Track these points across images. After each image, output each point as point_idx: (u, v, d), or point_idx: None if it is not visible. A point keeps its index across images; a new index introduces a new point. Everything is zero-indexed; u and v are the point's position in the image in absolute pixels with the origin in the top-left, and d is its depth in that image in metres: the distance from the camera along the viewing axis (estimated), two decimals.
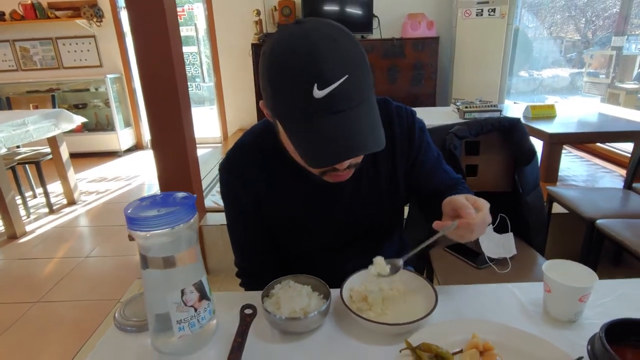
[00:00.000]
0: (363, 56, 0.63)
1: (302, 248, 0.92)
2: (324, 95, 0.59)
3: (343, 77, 0.59)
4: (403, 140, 0.86)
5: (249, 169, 0.82)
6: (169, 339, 0.62)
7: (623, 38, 3.80)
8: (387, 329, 0.65)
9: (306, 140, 0.63)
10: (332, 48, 0.60)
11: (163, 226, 0.56)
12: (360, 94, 0.62)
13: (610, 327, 0.55)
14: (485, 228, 0.69)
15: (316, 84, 0.58)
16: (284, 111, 0.64)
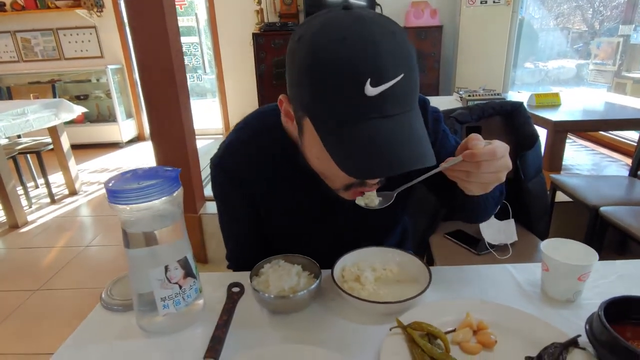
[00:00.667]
0: (415, 57, 0.56)
1: (296, 243, 0.84)
2: (376, 94, 0.51)
3: (399, 75, 0.51)
4: None
5: (245, 170, 0.75)
6: (154, 318, 0.61)
7: (631, 27, 3.73)
8: (379, 308, 0.63)
9: (348, 146, 0.53)
10: (390, 41, 0.52)
11: (144, 199, 0.54)
12: (413, 98, 0.55)
13: (610, 306, 0.53)
14: (500, 171, 0.58)
15: (370, 80, 0.50)
16: (323, 110, 0.54)
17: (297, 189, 0.76)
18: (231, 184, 0.76)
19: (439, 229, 1.48)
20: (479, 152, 0.56)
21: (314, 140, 0.58)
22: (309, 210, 0.79)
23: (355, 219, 0.80)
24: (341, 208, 0.77)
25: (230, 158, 0.76)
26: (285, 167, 0.74)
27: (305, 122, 0.59)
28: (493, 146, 0.57)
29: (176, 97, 2.06)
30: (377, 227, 0.86)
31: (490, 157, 0.56)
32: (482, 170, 0.57)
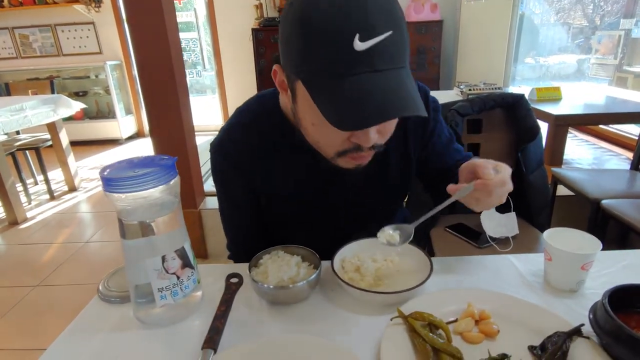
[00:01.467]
0: (404, 17, 0.56)
1: (297, 230, 0.86)
2: (366, 49, 0.51)
3: (388, 32, 0.52)
4: (417, 122, 0.79)
5: (245, 153, 0.74)
6: (152, 309, 0.60)
7: (632, 20, 3.71)
8: (379, 298, 0.63)
9: (338, 100, 0.53)
10: (383, 4, 0.53)
11: (140, 187, 0.53)
12: (403, 56, 0.55)
13: (614, 294, 0.52)
14: (504, 195, 0.61)
15: (358, 34, 0.50)
16: (313, 67, 0.54)
17: (297, 171, 0.76)
18: (232, 169, 0.76)
19: (440, 222, 1.47)
20: (492, 182, 0.58)
21: (307, 104, 0.58)
22: (309, 193, 0.78)
23: (355, 203, 0.80)
24: (340, 190, 0.78)
25: (230, 142, 0.75)
26: (285, 149, 0.74)
27: (297, 86, 0.59)
28: (503, 175, 0.60)
29: (175, 93, 2.04)
30: (376, 212, 0.85)
31: (501, 185, 0.60)
32: (492, 198, 0.60)
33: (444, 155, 0.85)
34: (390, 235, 0.66)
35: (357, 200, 0.81)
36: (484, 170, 0.59)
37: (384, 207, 0.87)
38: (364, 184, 0.80)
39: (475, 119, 1.51)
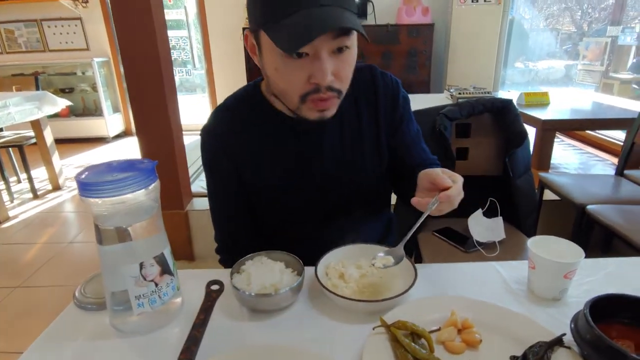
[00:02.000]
0: None
1: (283, 218, 0.89)
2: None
3: None
4: (387, 104, 0.85)
5: (230, 132, 0.81)
6: (128, 317, 0.58)
7: (619, 28, 3.77)
8: (362, 306, 0.62)
9: (289, 28, 0.61)
10: None
11: (118, 192, 0.51)
12: (347, 1, 0.64)
13: (595, 304, 0.52)
14: (458, 202, 0.67)
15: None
16: (271, 11, 0.63)
17: (277, 144, 0.82)
18: (219, 148, 0.82)
19: (428, 226, 1.48)
20: (453, 193, 0.64)
21: (269, 50, 0.67)
22: (290, 160, 0.83)
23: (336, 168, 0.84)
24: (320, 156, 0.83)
25: (217, 123, 0.83)
26: (264, 123, 0.81)
27: (261, 37, 0.67)
28: (459, 185, 0.66)
29: (162, 91, 2.01)
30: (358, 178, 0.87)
31: (458, 193, 0.66)
32: (453, 205, 0.66)
33: (412, 148, 0.89)
34: (385, 259, 0.69)
35: (334, 175, 0.84)
36: (444, 181, 0.65)
37: (363, 187, 0.89)
38: (339, 158, 0.84)
39: (464, 123, 1.51)
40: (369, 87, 0.85)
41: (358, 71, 0.84)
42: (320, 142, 0.82)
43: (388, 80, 0.86)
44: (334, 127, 0.83)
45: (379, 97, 0.85)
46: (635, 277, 0.71)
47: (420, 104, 2.45)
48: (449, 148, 1.42)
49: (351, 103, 0.84)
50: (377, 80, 0.85)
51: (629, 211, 1.61)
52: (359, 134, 0.84)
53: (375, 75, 0.85)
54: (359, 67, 0.85)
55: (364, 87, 0.85)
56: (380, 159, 0.88)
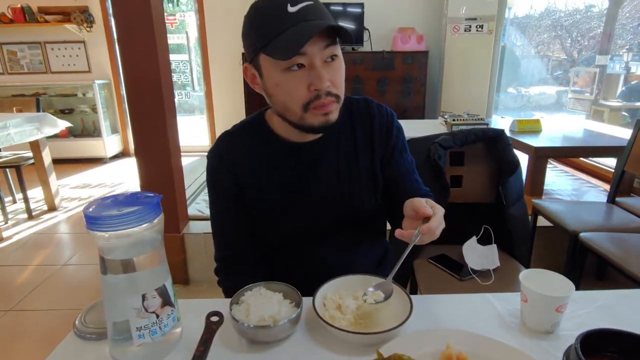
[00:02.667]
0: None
1: (281, 239, 0.92)
2: (296, 10, 0.69)
3: (309, 2, 0.71)
4: (382, 134, 0.90)
5: (233, 154, 0.87)
6: (129, 347, 0.59)
7: (607, 57, 3.89)
8: (359, 339, 0.63)
9: (283, 42, 0.69)
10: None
11: (124, 226, 0.53)
12: (327, 17, 0.72)
13: (586, 338, 0.54)
14: (439, 233, 0.71)
15: (289, 3, 0.69)
16: (265, 34, 0.71)
17: (276, 162, 0.87)
18: (223, 168, 0.87)
19: (423, 253, 1.49)
20: (433, 225, 0.68)
21: (269, 69, 0.75)
22: (289, 180, 0.87)
23: (333, 188, 0.88)
24: (318, 176, 0.87)
25: (222, 145, 0.89)
26: (266, 147, 0.87)
27: (260, 61, 0.75)
28: (439, 215, 0.70)
29: (163, 113, 2.05)
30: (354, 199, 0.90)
31: (439, 223, 0.69)
32: (434, 236, 0.70)
33: (405, 178, 0.93)
34: (375, 294, 0.71)
35: (330, 195, 0.88)
36: (425, 210, 0.69)
37: (358, 207, 0.91)
38: (335, 179, 0.88)
39: (458, 151, 1.55)
40: (365, 117, 0.90)
41: (355, 102, 0.91)
42: (317, 166, 0.87)
43: (383, 111, 0.92)
44: (331, 152, 0.88)
45: (374, 126, 0.90)
46: (626, 310, 0.72)
47: (414, 130, 2.51)
48: (443, 176, 1.45)
49: (348, 131, 0.89)
50: (373, 111, 0.91)
51: (621, 239, 1.64)
52: (355, 160, 0.89)
53: (371, 107, 0.91)
54: (356, 99, 0.92)
55: (360, 117, 0.90)
56: (374, 185, 0.91)
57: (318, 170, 0.87)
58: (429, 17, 4.44)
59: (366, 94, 3.67)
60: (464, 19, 4.05)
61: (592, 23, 4.87)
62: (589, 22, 4.99)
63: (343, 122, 0.88)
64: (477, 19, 4.02)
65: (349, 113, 0.90)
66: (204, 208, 2.63)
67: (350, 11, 4.24)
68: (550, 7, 5.33)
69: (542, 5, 5.35)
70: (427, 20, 4.45)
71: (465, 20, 4.05)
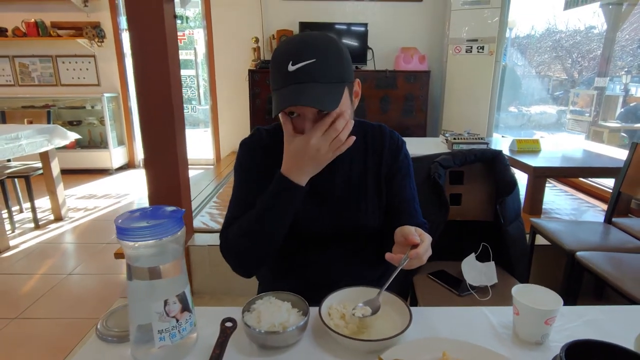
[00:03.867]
0: (337, 49, 0.82)
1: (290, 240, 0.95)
2: (294, 70, 0.77)
3: (312, 59, 0.77)
4: (389, 155, 0.99)
5: (266, 144, 0.97)
6: (150, 349, 0.64)
7: (605, 79, 3.98)
8: (362, 345, 0.68)
9: (278, 97, 0.79)
10: (309, 40, 0.80)
11: (150, 237, 0.58)
12: (323, 75, 0.78)
13: (571, 348, 0.58)
14: (426, 259, 0.77)
15: (291, 61, 0.78)
16: (273, 80, 0.82)
17: None
18: (256, 148, 0.97)
19: (423, 269, 1.53)
20: (421, 252, 0.74)
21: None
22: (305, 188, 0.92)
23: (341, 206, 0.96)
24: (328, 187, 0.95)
25: (257, 134, 1.00)
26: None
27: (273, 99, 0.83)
28: (427, 243, 0.77)
29: (172, 127, 2.11)
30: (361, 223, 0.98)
31: (425, 251, 0.76)
32: (421, 262, 0.77)
33: (407, 205, 1.00)
34: (363, 309, 0.76)
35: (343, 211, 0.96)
36: (414, 238, 0.75)
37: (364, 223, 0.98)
38: (348, 195, 0.96)
39: (457, 171, 1.61)
40: (378, 140, 1.00)
41: (370, 127, 1.02)
42: (330, 179, 0.95)
43: (395, 137, 1.02)
44: (344, 168, 0.97)
45: (385, 148, 1.00)
46: (612, 325, 0.77)
47: (415, 148, 2.58)
48: (442, 194, 1.50)
49: (361, 152, 0.99)
50: (385, 135, 1.01)
51: (618, 259, 1.67)
52: (364, 177, 0.98)
53: (384, 132, 1.02)
54: (371, 125, 1.03)
55: (373, 140, 1.00)
56: (379, 202, 0.99)
57: (331, 183, 0.96)
58: (431, 37, 4.57)
59: (369, 112, 3.77)
60: (466, 40, 4.17)
61: (592, 44, 4.97)
62: (589, 43, 5.09)
63: (358, 143, 0.94)
64: (478, 40, 4.13)
65: (363, 136, 0.99)
66: (209, 221, 2.68)
67: (354, 30, 4.36)
68: (551, 28, 5.45)
69: (543, 26, 5.47)
70: (429, 40, 4.57)
71: (467, 41, 4.16)
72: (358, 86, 0.91)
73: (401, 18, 4.53)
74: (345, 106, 0.83)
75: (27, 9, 4.51)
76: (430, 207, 1.05)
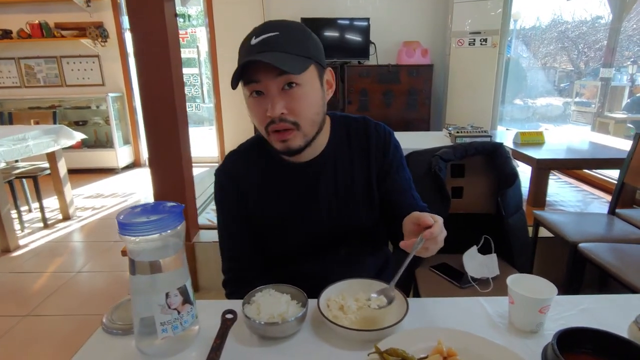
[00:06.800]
0: (302, 28, 0.82)
1: (284, 253, 0.98)
2: (256, 42, 0.77)
3: (274, 32, 0.77)
4: (378, 152, 0.96)
5: (240, 171, 0.94)
6: (153, 341, 0.66)
7: (611, 70, 3.93)
8: (359, 335, 0.69)
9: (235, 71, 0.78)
10: (277, 21, 0.80)
11: (151, 232, 0.60)
12: (284, 46, 0.77)
13: (563, 335, 0.60)
14: (442, 240, 0.74)
15: (254, 36, 0.78)
16: (238, 60, 0.80)
17: (279, 181, 0.94)
18: (229, 182, 0.95)
19: (425, 262, 1.54)
20: (436, 230, 0.71)
21: (245, 95, 0.83)
22: (291, 197, 0.94)
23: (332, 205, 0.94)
24: (317, 193, 0.93)
25: (228, 163, 0.97)
26: (267, 164, 0.94)
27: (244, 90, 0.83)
28: (440, 223, 0.73)
29: (176, 126, 2.14)
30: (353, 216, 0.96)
31: (440, 230, 0.72)
32: (438, 243, 0.73)
33: (403, 195, 0.97)
34: (379, 299, 0.76)
35: (330, 212, 0.94)
36: (426, 219, 0.72)
37: (357, 223, 0.97)
38: (334, 197, 0.94)
39: (459, 164, 1.62)
40: (362, 135, 0.96)
41: (353, 121, 0.97)
42: (315, 185, 0.93)
43: (381, 130, 0.97)
44: (329, 171, 0.93)
45: (371, 144, 0.95)
46: (606, 313, 0.78)
47: (418, 142, 2.58)
48: (443, 187, 1.51)
49: (345, 150, 0.95)
50: (370, 130, 0.96)
51: (621, 250, 1.67)
52: (351, 177, 0.94)
53: (369, 126, 0.97)
54: (354, 118, 0.98)
55: (357, 136, 0.96)
56: (370, 201, 0.96)
57: (316, 189, 0.93)
58: (433, 31, 4.54)
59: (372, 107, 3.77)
60: (468, 32, 4.14)
61: (599, 35, 4.91)
62: (595, 33, 5.03)
63: (340, 141, 0.95)
64: (481, 32, 4.10)
65: (346, 132, 0.96)
66: (213, 217, 2.71)
67: (356, 25, 4.35)
68: (557, 19, 5.39)
69: (548, 17, 5.41)
70: (432, 34, 4.55)
71: (470, 34, 4.14)
72: (331, 75, 0.89)
73: (403, 12, 4.51)
74: (313, 88, 0.82)
75: (31, 11, 4.55)
76: (431, 201, 1.04)
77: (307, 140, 0.84)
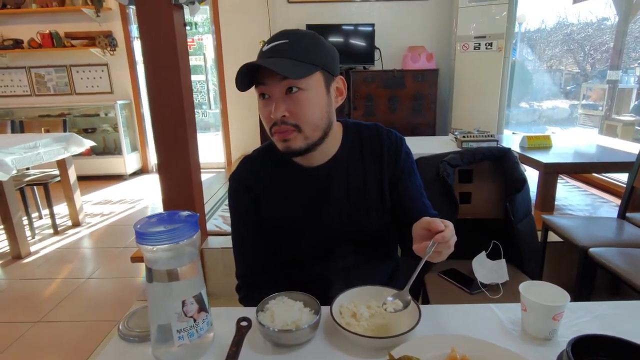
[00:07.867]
0: (313, 37, 0.85)
1: (296, 257, 0.99)
2: (267, 49, 0.82)
3: (284, 40, 0.82)
4: (390, 158, 0.97)
5: (253, 176, 0.97)
6: (170, 348, 0.67)
7: (618, 72, 3.91)
8: (373, 342, 0.70)
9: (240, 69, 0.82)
10: (290, 30, 0.85)
11: (168, 241, 0.61)
12: (291, 53, 0.81)
13: (578, 342, 0.60)
14: (453, 244, 0.75)
15: (267, 43, 0.83)
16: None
17: (291, 185, 0.96)
18: (241, 187, 0.97)
19: (434, 268, 1.54)
20: (447, 234, 0.72)
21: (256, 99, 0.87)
22: (303, 202, 0.95)
23: (344, 210, 0.95)
24: (329, 198, 0.95)
25: (242, 169, 1.00)
26: (280, 172, 0.96)
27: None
28: (451, 227, 0.74)
29: (184, 132, 2.16)
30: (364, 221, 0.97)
31: (452, 234, 0.73)
32: (450, 247, 0.74)
33: (414, 202, 0.98)
34: (394, 303, 0.76)
35: (342, 216, 0.95)
36: (437, 224, 0.73)
37: (369, 228, 0.98)
38: (345, 201, 0.95)
39: (466, 169, 1.62)
40: (375, 142, 0.98)
41: (365, 128, 0.99)
42: (328, 189, 0.94)
43: (392, 137, 0.99)
44: (341, 176, 0.95)
45: (383, 151, 0.97)
46: (620, 320, 0.78)
47: (424, 147, 2.58)
48: (451, 193, 1.51)
49: (358, 155, 0.97)
50: (382, 137, 0.98)
51: (632, 254, 1.65)
52: (363, 183, 0.96)
53: (381, 133, 0.99)
54: (366, 125, 1.00)
55: (370, 142, 0.98)
56: (382, 207, 0.98)
57: (328, 193, 0.94)
58: (438, 35, 4.55)
59: (378, 112, 3.78)
60: (473, 37, 4.15)
61: (605, 37, 4.89)
62: (601, 35, 5.00)
63: (353, 146, 0.96)
64: (486, 36, 4.11)
65: (359, 138, 0.98)
66: (221, 224, 2.72)
67: (361, 31, 4.38)
68: (562, 21, 5.37)
69: (554, 20, 5.40)
70: (437, 38, 4.56)
71: (475, 38, 4.14)
72: (342, 84, 0.91)
73: (408, 17, 4.52)
74: (318, 93, 0.84)
75: (42, 21, 4.63)
76: (440, 206, 1.05)
77: (308, 143, 0.86)
